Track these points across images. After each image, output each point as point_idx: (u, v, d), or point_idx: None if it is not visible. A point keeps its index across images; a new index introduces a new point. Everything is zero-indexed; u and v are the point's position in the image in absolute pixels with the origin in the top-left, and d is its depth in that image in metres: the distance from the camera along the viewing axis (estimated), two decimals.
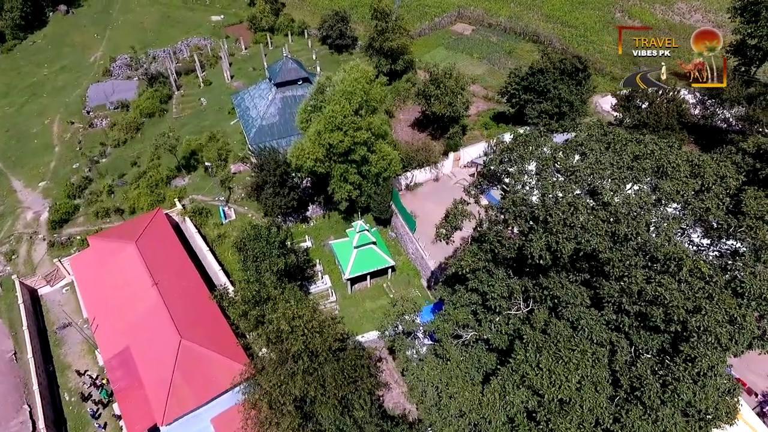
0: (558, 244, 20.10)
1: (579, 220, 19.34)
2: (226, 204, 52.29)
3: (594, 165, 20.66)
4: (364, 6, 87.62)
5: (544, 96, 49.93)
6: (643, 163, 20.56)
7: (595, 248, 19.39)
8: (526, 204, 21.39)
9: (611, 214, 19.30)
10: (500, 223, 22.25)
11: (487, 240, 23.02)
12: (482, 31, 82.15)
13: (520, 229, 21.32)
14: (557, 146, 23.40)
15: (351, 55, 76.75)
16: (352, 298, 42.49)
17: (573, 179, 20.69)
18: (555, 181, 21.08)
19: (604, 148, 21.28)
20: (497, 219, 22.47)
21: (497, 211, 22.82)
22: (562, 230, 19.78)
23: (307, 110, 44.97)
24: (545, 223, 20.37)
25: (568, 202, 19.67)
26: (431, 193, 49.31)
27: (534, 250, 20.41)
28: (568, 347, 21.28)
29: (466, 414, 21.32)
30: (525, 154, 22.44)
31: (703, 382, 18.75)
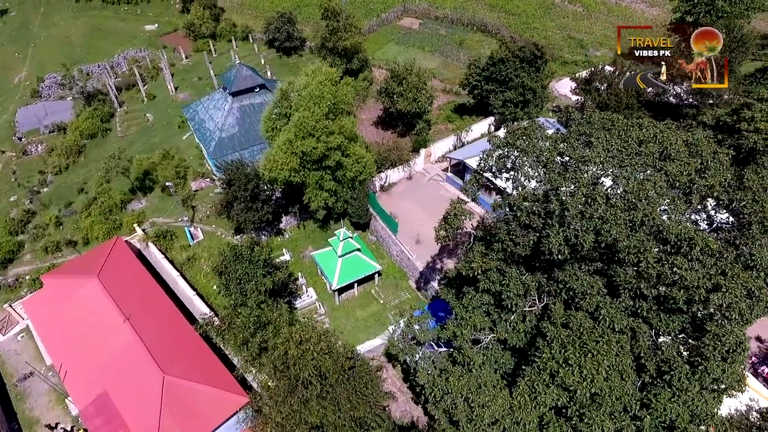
0: (578, 238, 19.73)
1: (598, 211, 19.03)
2: (191, 224, 49.26)
3: (603, 153, 20.47)
4: (309, 6, 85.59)
5: (507, 85, 50.17)
6: (650, 148, 20.58)
7: (616, 238, 19.14)
8: (538, 199, 20.91)
9: (629, 202, 19.13)
10: (511, 221, 21.63)
11: (498, 239, 22.38)
12: (430, 24, 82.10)
13: (534, 225, 20.80)
14: (558, 137, 23.08)
15: (301, 57, 74.66)
16: (342, 309, 41.04)
17: (584, 169, 20.39)
18: (565, 173, 20.69)
19: (609, 136, 21.14)
20: (506, 217, 21.86)
21: (506, 209, 22.20)
22: (581, 223, 19.43)
23: (272, 118, 42.91)
24: (561, 217, 19.95)
25: (584, 193, 19.31)
26: (406, 192, 48.51)
27: (553, 246, 19.95)
28: (592, 339, 21.04)
29: (500, 420, 20.70)
30: (528, 147, 21.94)
31: (732, 358, 18.99)
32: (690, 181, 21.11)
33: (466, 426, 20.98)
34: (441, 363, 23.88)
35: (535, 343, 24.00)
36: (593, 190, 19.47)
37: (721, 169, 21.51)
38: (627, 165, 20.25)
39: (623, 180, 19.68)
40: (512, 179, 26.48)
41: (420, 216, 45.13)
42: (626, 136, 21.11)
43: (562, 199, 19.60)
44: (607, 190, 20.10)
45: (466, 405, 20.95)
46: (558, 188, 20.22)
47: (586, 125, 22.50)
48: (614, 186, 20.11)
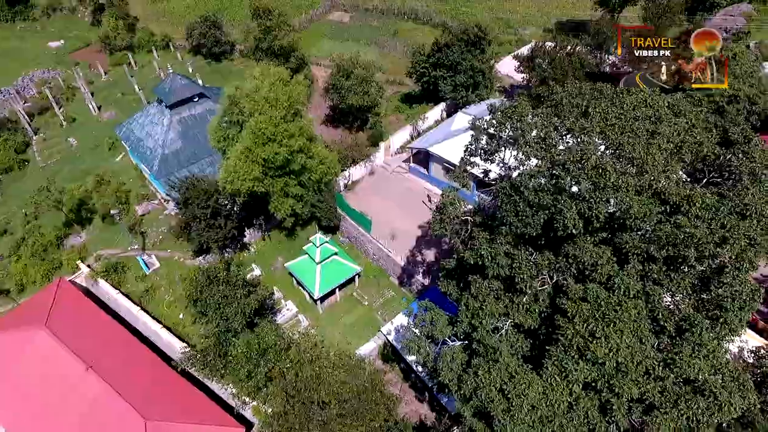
0: (591, 210, 19.45)
1: (610, 181, 18.82)
2: (143, 252, 45.15)
3: (603, 122, 20.32)
4: (232, 8, 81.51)
5: (455, 69, 50.03)
6: (644, 112, 20.70)
7: (630, 205, 19.04)
8: (544, 176, 20.44)
9: (639, 168, 19.08)
10: (518, 201, 21.00)
11: (506, 222, 21.72)
12: (360, 16, 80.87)
13: (544, 202, 20.30)
14: (549, 111, 22.73)
15: (232, 62, 70.86)
16: (326, 317, 39.17)
17: (586, 140, 20.13)
18: (569, 144, 20.35)
19: (606, 104, 21.03)
20: (513, 198, 21.20)
21: (509, 190, 21.53)
22: (594, 194, 19.15)
23: (221, 127, 40.01)
24: (572, 191, 19.58)
25: (593, 164, 19.03)
26: (371, 188, 47.20)
27: (568, 221, 19.55)
28: (611, 308, 20.95)
29: (537, 406, 20.17)
30: (524, 125, 21.37)
31: (750, 306, 19.54)
32: (681, 140, 21.49)
33: (503, 417, 20.26)
34: (460, 358, 23.00)
35: (552, 322, 23.71)
36: (602, 160, 19.24)
37: (704, 126, 22.06)
38: (628, 131, 20.25)
39: (629, 146, 19.64)
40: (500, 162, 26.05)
41: (390, 210, 44.05)
42: (620, 103, 21.14)
43: (573, 172, 19.21)
44: (611, 158, 19.96)
45: (501, 396, 20.21)
46: (565, 162, 19.82)
47: (578, 96, 22.33)
48: (619, 153, 20.04)
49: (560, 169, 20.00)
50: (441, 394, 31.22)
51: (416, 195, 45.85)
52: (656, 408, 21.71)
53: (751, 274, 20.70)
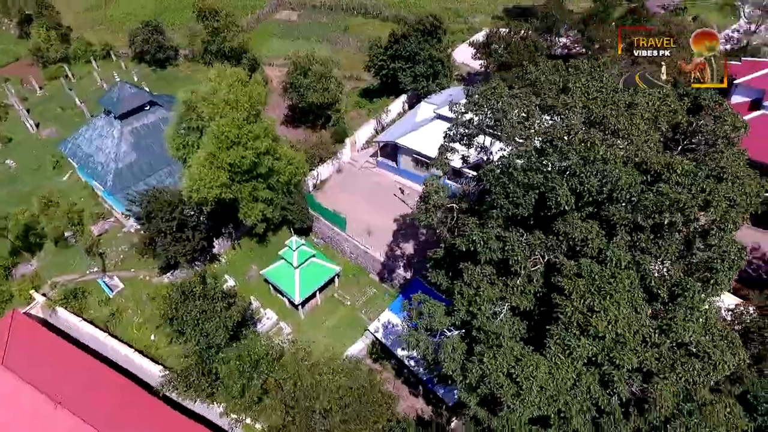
0: (583, 185, 19.40)
1: (599, 153, 18.80)
2: (104, 274, 42.35)
3: (584, 97, 20.30)
4: (172, 11, 78.06)
5: (414, 60, 49.66)
6: (619, 84, 20.89)
7: (619, 176, 19.11)
8: (532, 155, 20.22)
9: (625, 139, 19.16)
10: (507, 183, 20.70)
11: (496, 205, 21.40)
12: (309, 14, 79.32)
13: (533, 182, 20.10)
14: (528, 91, 22.54)
15: (177, 67, 67.82)
16: (309, 322, 37.94)
17: (570, 116, 20.06)
18: (550, 122, 20.23)
19: (586, 79, 21.04)
20: (501, 180, 20.88)
21: (498, 173, 21.20)
22: (584, 169, 19.09)
23: (179, 134, 37.98)
24: (562, 167, 19.46)
25: (581, 138, 18.95)
26: (341, 186, 46.18)
27: (561, 198, 19.43)
28: (606, 281, 21.05)
29: (545, 387, 20.00)
30: (504, 105, 21.08)
31: (738, 265, 20.07)
32: (657, 109, 21.83)
33: (513, 402, 19.98)
34: (460, 347, 22.56)
35: (547, 303, 23.66)
36: (589, 133, 19.21)
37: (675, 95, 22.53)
38: (610, 104, 20.33)
39: (613, 118, 19.71)
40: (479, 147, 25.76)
41: (363, 207, 43.23)
42: (599, 77, 21.22)
43: (561, 147, 19.08)
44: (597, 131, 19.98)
45: (510, 381, 19.91)
46: (552, 139, 19.67)
47: (555, 73, 22.27)
48: (605, 126, 20.09)
49: (548, 146, 19.84)
50: (440, 386, 30.85)
51: (387, 189, 45.22)
52: (655, 375, 22.09)
53: (734, 233, 21.30)
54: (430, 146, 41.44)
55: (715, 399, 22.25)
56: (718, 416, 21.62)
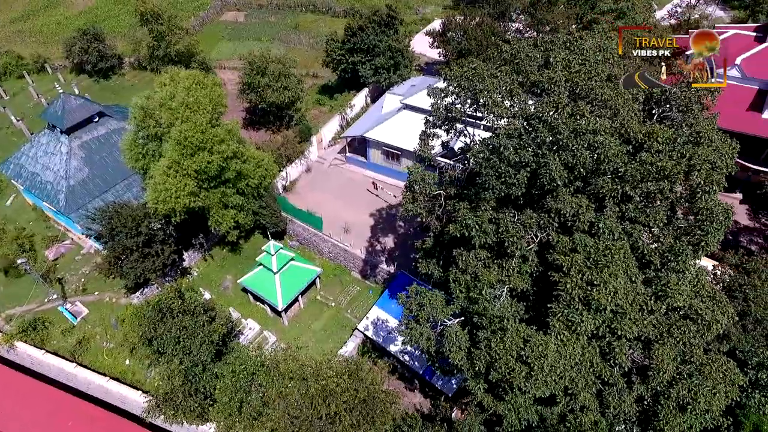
0: (575, 158, 19.28)
1: (589, 125, 18.70)
2: (65, 301, 39.42)
3: (567, 70, 20.16)
4: (109, 18, 73.85)
5: (373, 52, 48.88)
6: (597, 56, 20.89)
7: (609, 147, 19.10)
8: (520, 132, 19.92)
9: (612, 110, 19.15)
10: (497, 163, 20.32)
11: (487, 186, 21.00)
12: (256, 13, 76.94)
13: (525, 159, 19.82)
14: (508, 70, 22.21)
15: (123, 76, 64.18)
16: (293, 328, 36.61)
17: (556, 90, 19.86)
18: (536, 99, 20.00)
19: (565, 53, 20.90)
20: (492, 161, 20.47)
21: (488, 153, 20.77)
22: (575, 141, 18.96)
23: (137, 143, 35.71)
24: (553, 142, 19.26)
25: (569, 112, 18.79)
26: (312, 185, 44.92)
27: (555, 173, 19.24)
28: (601, 254, 21.10)
29: (555, 366, 19.82)
30: (488, 85, 20.65)
31: (726, 225, 20.54)
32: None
33: (525, 384, 19.69)
34: (463, 336, 22.10)
35: (542, 282, 23.59)
36: (577, 106, 19.09)
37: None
38: (594, 76, 20.31)
39: (599, 90, 19.68)
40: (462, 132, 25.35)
41: (336, 204, 42.18)
42: (579, 50, 21.17)
43: (551, 122, 18.86)
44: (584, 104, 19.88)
45: (520, 364, 19.59)
46: (541, 114, 19.42)
47: (534, 49, 22.08)
48: (592, 98, 20.03)
49: (536, 122, 19.60)
50: (438, 377, 30.38)
51: (359, 185, 44.34)
52: (654, 341, 22.40)
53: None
54: (400, 137, 41.01)
55: (711, 358, 22.77)
56: (716, 374, 22.11)
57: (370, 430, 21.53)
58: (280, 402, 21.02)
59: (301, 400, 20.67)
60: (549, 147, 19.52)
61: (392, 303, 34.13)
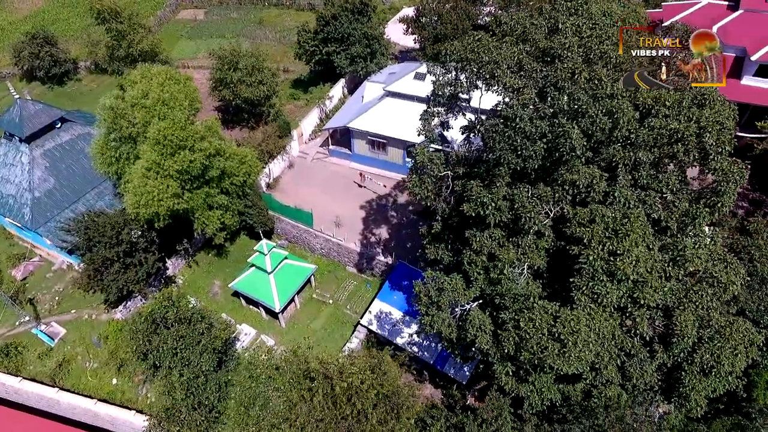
0: (594, 125, 18.69)
1: (606, 90, 18.14)
2: (38, 322, 36.56)
3: (578, 35, 19.52)
4: (59, 22, 69.60)
5: (348, 41, 47.53)
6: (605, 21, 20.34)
7: (628, 111, 18.60)
8: (535, 102, 19.18)
9: (623, 73, 18.65)
10: (512, 136, 19.53)
11: (503, 161, 20.19)
12: (216, 10, 74.20)
13: (541, 130, 19.11)
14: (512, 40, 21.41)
15: (80, 81, 60.56)
16: (292, 330, 35.05)
17: (569, 56, 19.18)
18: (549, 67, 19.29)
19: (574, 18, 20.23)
20: (507, 134, 19.65)
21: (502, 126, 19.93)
22: (594, 107, 18.37)
23: (110, 146, 33.33)
24: (571, 111, 18.62)
25: (586, 77, 18.17)
26: (296, 181, 43.27)
27: (575, 141, 18.59)
28: (620, 224, 20.70)
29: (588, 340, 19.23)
30: (497, 56, 19.79)
31: (740, 183, 20.40)
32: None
33: (557, 361, 19.02)
34: (486, 319, 21.28)
35: (558, 258, 23.05)
36: (593, 71, 18.49)
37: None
38: (605, 40, 19.75)
39: (612, 53, 19.16)
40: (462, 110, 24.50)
41: (324, 199, 40.73)
42: (588, 14, 20.57)
43: (568, 89, 18.20)
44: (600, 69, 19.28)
45: (552, 341, 18.90)
46: (557, 81, 18.73)
47: (540, 18, 21.39)
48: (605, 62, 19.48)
49: (553, 89, 18.90)
50: (450, 366, 29.59)
51: (345, 177, 43.03)
52: (674, 308, 22.19)
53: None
54: (385, 126, 39.97)
55: (729, 320, 22.76)
56: (736, 336, 22.09)
57: (396, 425, 20.47)
58: (302, 405, 19.67)
59: (323, 401, 19.39)
60: (566, 115, 18.85)
61: (394, 294, 33.15)
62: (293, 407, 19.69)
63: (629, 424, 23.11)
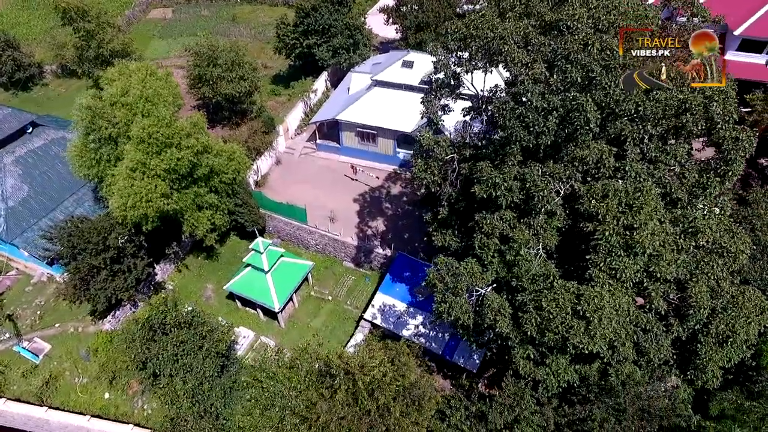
0: (608, 96, 18.29)
1: (619, 60, 17.76)
2: (20, 339, 34.53)
3: (586, 6, 19.07)
4: (19, 26, 66.42)
5: (329, 33, 46.44)
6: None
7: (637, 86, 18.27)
8: (546, 77, 18.68)
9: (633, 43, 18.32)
10: (524, 113, 18.99)
11: (514, 139, 19.64)
12: (186, 9, 71.96)
13: (552, 105, 18.62)
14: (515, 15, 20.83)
15: (46, 86, 57.85)
16: (292, 329, 33.96)
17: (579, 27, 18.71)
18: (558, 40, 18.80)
19: None
20: (518, 111, 19.09)
21: (511, 104, 19.37)
22: (607, 78, 17.97)
23: (90, 148, 31.61)
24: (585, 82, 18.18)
25: (599, 47, 17.74)
26: (284, 178, 42.06)
27: (590, 114, 18.16)
28: (633, 198, 20.44)
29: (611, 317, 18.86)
30: (503, 30, 19.19)
31: (749, 150, 20.33)
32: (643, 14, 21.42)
33: (582, 340, 18.60)
34: (504, 303, 20.72)
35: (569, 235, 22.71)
36: (604, 42, 18.08)
37: None
38: (612, 9, 19.35)
39: (622, 22, 18.78)
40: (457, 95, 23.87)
41: (315, 194, 39.65)
42: None
43: (581, 60, 17.74)
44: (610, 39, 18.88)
45: (577, 319, 18.45)
46: (569, 54, 18.25)
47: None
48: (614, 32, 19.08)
49: (564, 62, 18.42)
50: (459, 355, 29.06)
51: (336, 171, 42.03)
52: (688, 280, 22.06)
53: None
54: (375, 116, 39.19)
55: (740, 290, 22.79)
56: (748, 304, 22.13)
57: (419, 417, 19.76)
58: (323, 404, 18.71)
59: (344, 397, 18.52)
60: (578, 88, 18.40)
61: (396, 286, 32.42)
62: (313, 406, 18.73)
63: (646, 401, 22.95)
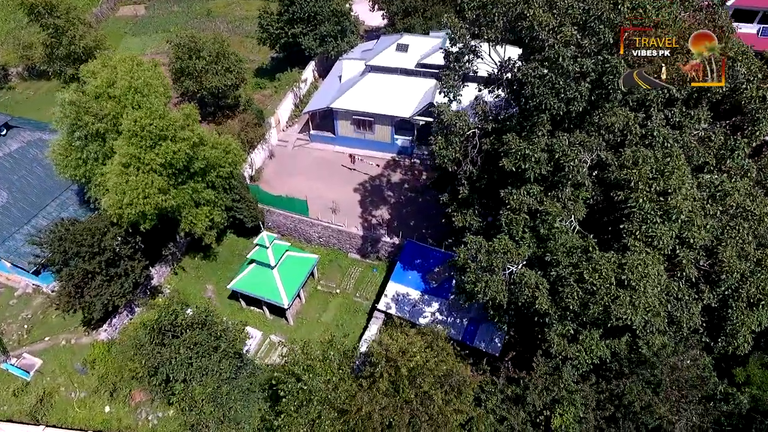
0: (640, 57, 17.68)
1: (652, 17, 17.14)
2: (7, 357, 32.23)
3: None
4: None
5: (315, 20, 45.01)
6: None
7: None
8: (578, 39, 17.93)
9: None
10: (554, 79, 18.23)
11: (544, 108, 18.87)
12: (157, 5, 69.24)
13: (585, 68, 17.92)
14: None
15: (12, 89, 54.72)
16: (301, 326, 32.62)
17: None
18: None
19: None
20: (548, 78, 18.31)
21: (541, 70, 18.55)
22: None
23: (75, 147, 29.60)
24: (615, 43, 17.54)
25: (630, 6, 17.11)
26: (280, 170, 40.55)
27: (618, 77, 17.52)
28: (663, 163, 19.98)
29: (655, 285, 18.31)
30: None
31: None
32: None
33: (627, 311, 17.98)
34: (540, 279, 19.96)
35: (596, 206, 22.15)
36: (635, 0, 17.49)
37: None
38: None
39: None
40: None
41: (314, 186, 38.32)
42: None
43: (613, 19, 17.08)
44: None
45: (621, 289, 17.83)
46: (602, 13, 17.55)
47: None
48: None
49: (597, 22, 17.73)
50: (480, 340, 28.32)
51: (332, 162, 40.75)
52: (716, 246, 21.77)
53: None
54: (371, 103, 38.15)
55: (765, 252, 22.62)
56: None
57: (459, 404, 18.84)
58: (363, 395, 17.58)
59: (386, 386, 17.48)
60: (610, 50, 17.75)
61: (408, 274, 31.43)
62: (352, 398, 17.59)
63: (683, 371, 22.62)
